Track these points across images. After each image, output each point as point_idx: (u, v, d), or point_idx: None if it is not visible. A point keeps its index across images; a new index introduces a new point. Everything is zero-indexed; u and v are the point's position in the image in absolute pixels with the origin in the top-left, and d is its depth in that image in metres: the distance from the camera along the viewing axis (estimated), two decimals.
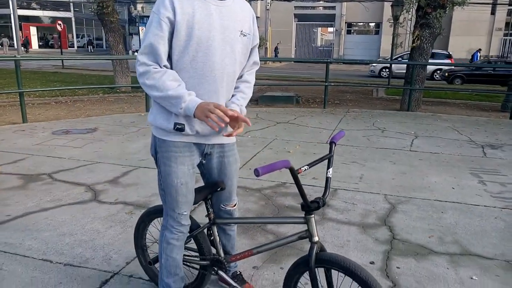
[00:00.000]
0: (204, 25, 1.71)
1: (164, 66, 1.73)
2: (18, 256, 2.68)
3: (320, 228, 3.21)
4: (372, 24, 36.73)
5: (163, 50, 1.70)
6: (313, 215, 1.75)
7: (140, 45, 1.78)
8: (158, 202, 3.65)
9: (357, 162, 5.06)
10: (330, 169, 1.79)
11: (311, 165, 1.70)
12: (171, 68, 1.76)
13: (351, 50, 35.86)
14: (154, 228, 3.07)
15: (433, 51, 22.93)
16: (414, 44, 9.15)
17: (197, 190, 1.97)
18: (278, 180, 4.31)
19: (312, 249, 1.73)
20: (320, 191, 3.98)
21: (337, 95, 12.59)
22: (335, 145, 1.84)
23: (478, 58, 25.56)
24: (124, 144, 5.71)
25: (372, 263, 2.71)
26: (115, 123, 7.27)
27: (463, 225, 3.31)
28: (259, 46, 2.09)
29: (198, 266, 2.17)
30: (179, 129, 1.79)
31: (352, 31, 37.36)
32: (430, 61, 10.01)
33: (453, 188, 4.17)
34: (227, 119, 1.64)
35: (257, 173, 1.46)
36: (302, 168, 1.62)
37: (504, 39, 30.69)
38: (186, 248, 2.22)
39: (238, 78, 1.95)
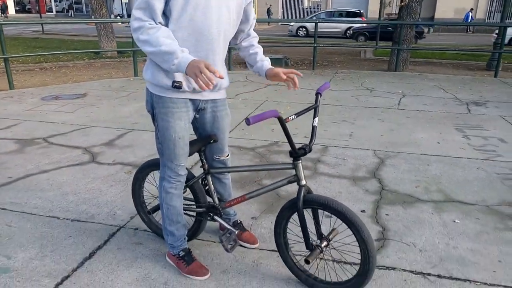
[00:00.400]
0: None
1: (159, 23, 1.77)
2: (25, 214, 2.79)
3: (312, 182, 3.37)
4: None
5: (159, 7, 1.74)
6: (300, 161, 1.90)
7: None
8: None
9: (346, 121, 5.20)
10: (316, 119, 1.91)
11: (298, 114, 1.83)
12: (170, 27, 1.80)
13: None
14: (152, 186, 3.20)
15: (346, 9, 23.39)
16: (402, 3, 9.12)
17: (191, 143, 2.07)
18: (271, 139, 4.43)
19: (300, 192, 1.90)
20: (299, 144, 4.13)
21: (325, 56, 12.58)
22: (320, 96, 1.96)
23: (469, 19, 25.47)
24: (116, 108, 5.73)
25: (363, 211, 2.89)
26: (104, 88, 7.23)
27: (447, 176, 3.51)
28: None
29: (194, 214, 2.31)
30: (176, 86, 1.86)
31: None
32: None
33: (439, 143, 4.36)
34: (214, 82, 1.66)
35: (248, 122, 1.57)
36: (290, 117, 1.75)
37: None
38: (184, 198, 2.36)
39: (244, 37, 2.10)
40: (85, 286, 2.07)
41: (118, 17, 33.95)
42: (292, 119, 1.74)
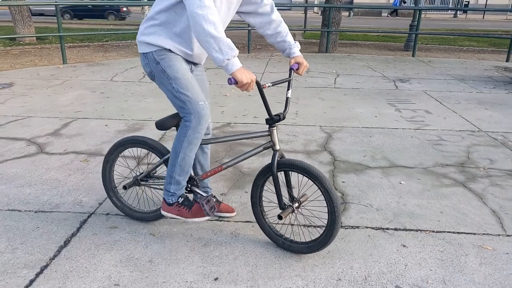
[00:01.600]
0: None
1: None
2: None
3: (268, 159, 3.54)
4: None
5: None
6: (275, 127, 2.07)
7: None
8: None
9: (291, 100, 5.45)
10: (290, 91, 2.11)
11: (274, 83, 1.99)
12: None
13: None
14: (120, 167, 3.18)
15: None
16: None
17: (173, 116, 2.14)
18: (222, 121, 4.53)
19: (274, 156, 2.08)
20: (260, 128, 4.31)
21: (257, 40, 12.78)
22: (293, 71, 2.14)
23: (398, 3, 27.33)
24: (52, 97, 5.42)
25: None
26: (32, 76, 6.75)
27: (388, 145, 3.89)
28: None
29: None
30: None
31: None
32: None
33: (376, 117, 4.77)
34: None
35: (230, 81, 1.76)
36: (266, 84, 1.94)
37: None
38: (156, 176, 2.42)
39: (261, 17, 2.21)
40: (68, 273, 2.06)
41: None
42: (268, 86, 1.92)
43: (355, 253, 2.25)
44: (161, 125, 2.17)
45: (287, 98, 2.10)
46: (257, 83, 1.85)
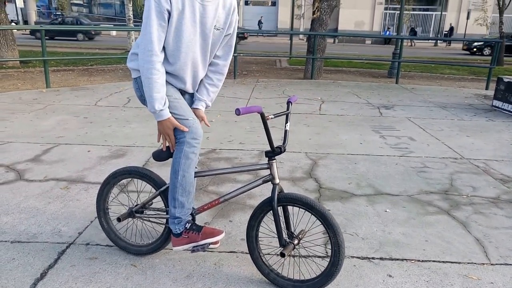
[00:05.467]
0: (190, 22, 1.97)
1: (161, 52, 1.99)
2: None
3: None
4: None
5: (163, 39, 1.97)
6: (275, 161, 2.04)
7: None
8: (93, 176, 3.62)
9: (275, 126, 5.47)
10: (288, 124, 2.09)
11: (276, 116, 1.99)
12: (166, 53, 2.02)
13: (250, 21, 36.37)
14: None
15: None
16: (314, 16, 9.80)
17: (169, 147, 2.12)
18: (207, 147, 4.50)
19: (274, 190, 2.03)
20: (246, 154, 4.30)
21: (243, 66, 12.93)
22: (291, 104, 2.14)
23: (388, 34, 28.57)
24: (33, 122, 5.33)
25: None
26: (14, 100, 6.65)
27: (373, 172, 3.91)
28: None
29: (164, 221, 2.31)
30: None
31: (248, 2, 37.74)
32: None
33: (361, 143, 4.81)
34: (172, 149, 2.11)
35: (238, 112, 1.75)
36: (269, 116, 1.92)
37: (384, 12, 33.87)
38: (152, 208, 2.36)
39: (213, 65, 2.26)
40: None
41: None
42: (271, 118, 1.93)
43: (341, 283, 2.21)
44: (158, 156, 2.16)
45: (285, 131, 2.09)
46: (262, 115, 1.88)
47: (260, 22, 34.53)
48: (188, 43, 2.01)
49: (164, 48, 2.01)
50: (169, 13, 1.91)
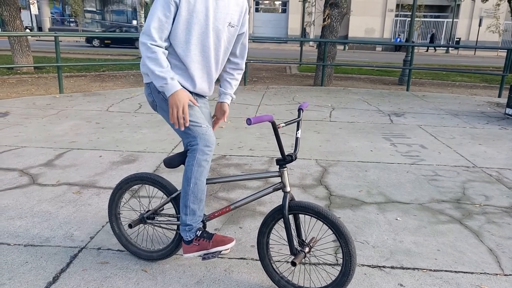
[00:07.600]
0: (202, 15, 2.00)
1: (165, 40, 2.00)
2: None
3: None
4: (277, 3, 37.65)
5: (168, 29, 1.98)
6: (286, 168, 2.05)
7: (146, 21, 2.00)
8: (105, 181, 3.66)
9: (285, 133, 5.47)
10: (299, 131, 2.09)
11: (287, 123, 1.99)
12: (176, 45, 2.03)
13: (261, 28, 36.53)
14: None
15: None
16: (325, 23, 9.82)
17: (181, 154, 2.14)
18: (218, 153, 4.52)
19: (285, 198, 2.03)
20: (256, 160, 4.31)
21: (254, 72, 12.98)
22: (302, 111, 2.15)
23: (398, 41, 28.65)
24: (47, 127, 5.41)
25: None
26: (28, 106, 6.76)
27: (384, 180, 3.89)
28: None
29: (175, 227, 2.33)
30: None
31: (259, 9, 37.95)
32: None
33: (371, 151, 4.79)
34: (182, 128, 2.02)
35: (249, 121, 1.75)
36: (280, 124, 1.93)
37: (395, 19, 33.78)
38: (163, 214, 2.37)
39: (232, 63, 2.34)
40: None
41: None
42: (282, 126, 1.93)
43: None
44: (169, 163, 2.17)
45: (296, 138, 2.10)
46: (273, 124, 1.90)
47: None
48: (199, 36, 2.04)
49: (173, 41, 2.03)
50: (177, 6, 1.96)
